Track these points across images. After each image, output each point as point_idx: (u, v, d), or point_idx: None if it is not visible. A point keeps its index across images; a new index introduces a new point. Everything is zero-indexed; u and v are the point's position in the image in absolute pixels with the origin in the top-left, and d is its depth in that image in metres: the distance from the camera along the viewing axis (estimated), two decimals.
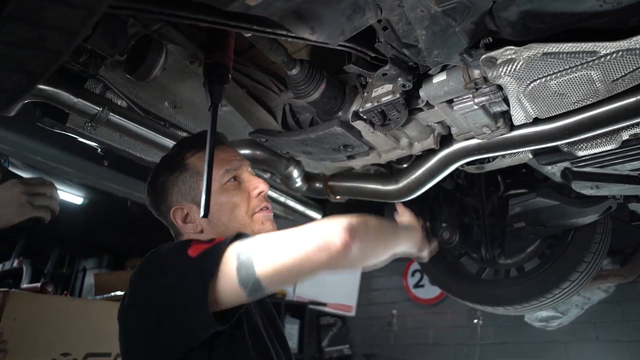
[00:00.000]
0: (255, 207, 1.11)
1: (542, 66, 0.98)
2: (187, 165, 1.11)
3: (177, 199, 1.10)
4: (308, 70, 1.23)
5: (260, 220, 1.11)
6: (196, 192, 1.08)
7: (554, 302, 1.95)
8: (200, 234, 1.09)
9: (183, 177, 1.11)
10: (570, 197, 1.76)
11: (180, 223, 1.09)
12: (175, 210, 1.09)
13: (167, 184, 1.11)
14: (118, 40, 0.97)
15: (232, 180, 1.11)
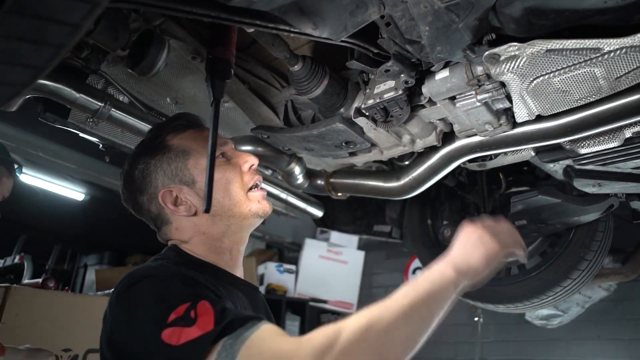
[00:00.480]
0: (249, 182, 1.08)
1: (545, 63, 0.98)
2: (171, 146, 1.06)
3: (164, 182, 1.04)
4: (310, 67, 1.22)
5: (256, 199, 1.08)
6: (184, 172, 1.04)
7: (555, 300, 1.95)
8: (194, 216, 1.04)
9: (167, 158, 1.05)
10: (572, 195, 1.76)
11: (171, 207, 1.03)
12: (164, 193, 1.03)
13: (148, 170, 1.05)
14: (120, 34, 0.97)
15: (221, 156, 1.07)
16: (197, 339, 0.73)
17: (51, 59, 0.54)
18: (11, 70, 0.52)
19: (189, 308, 0.78)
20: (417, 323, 0.76)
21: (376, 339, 0.70)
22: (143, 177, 1.05)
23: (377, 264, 4.52)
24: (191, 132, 1.10)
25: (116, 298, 0.86)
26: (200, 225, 1.05)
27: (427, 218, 2.34)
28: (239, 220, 1.06)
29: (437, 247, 2.27)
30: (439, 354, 3.84)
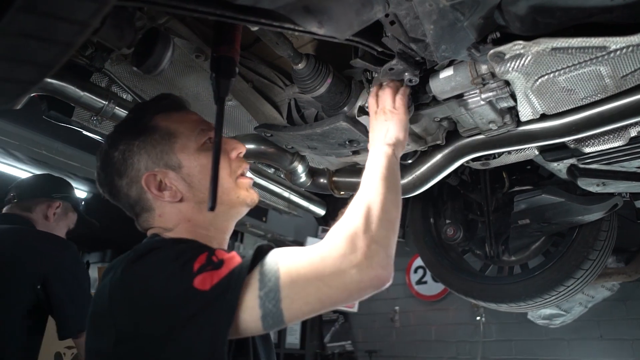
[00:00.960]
0: (237, 169, 1.05)
1: (550, 61, 0.97)
2: (156, 127, 0.99)
3: (148, 165, 0.97)
4: (314, 65, 1.22)
5: (245, 187, 1.05)
6: (170, 155, 0.98)
7: (559, 299, 1.95)
8: (179, 203, 0.98)
9: (152, 140, 0.98)
10: (576, 194, 1.75)
11: (154, 192, 0.96)
12: (148, 177, 0.96)
13: (130, 152, 0.98)
14: (126, 33, 0.97)
15: (209, 141, 1.02)
16: (230, 272, 0.76)
17: (59, 57, 0.55)
18: (19, 67, 0.52)
19: (209, 255, 0.80)
20: (394, 192, 0.97)
21: (379, 213, 0.87)
22: (124, 160, 0.98)
23: None
24: (177, 113, 1.05)
25: (122, 273, 0.82)
26: (186, 212, 0.99)
27: (430, 217, 2.34)
28: (227, 208, 1.03)
29: (440, 246, 2.27)
30: (441, 353, 3.85)
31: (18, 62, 0.52)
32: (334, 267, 0.77)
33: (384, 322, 4.29)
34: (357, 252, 0.79)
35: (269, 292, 0.76)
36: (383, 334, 4.25)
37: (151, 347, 0.76)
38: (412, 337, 4.09)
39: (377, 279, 0.79)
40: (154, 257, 0.82)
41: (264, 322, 0.76)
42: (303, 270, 0.77)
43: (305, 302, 0.76)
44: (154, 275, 0.79)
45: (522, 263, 2.15)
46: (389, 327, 4.26)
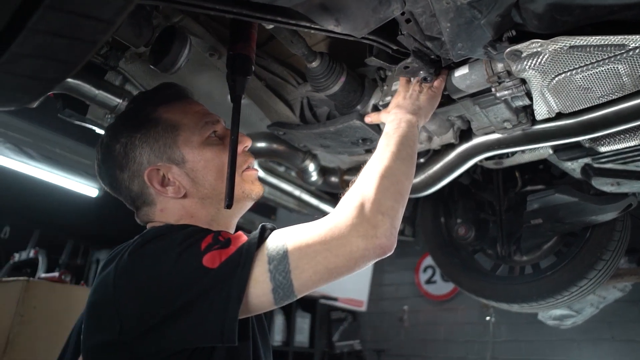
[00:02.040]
0: (242, 163, 1.01)
1: (568, 60, 0.97)
2: (158, 119, 0.96)
3: (150, 160, 0.94)
4: (328, 63, 1.22)
5: (250, 179, 1.03)
6: (173, 149, 0.95)
7: (570, 300, 1.93)
8: (182, 198, 0.95)
9: (154, 133, 0.95)
10: (589, 194, 1.74)
11: (157, 187, 0.93)
12: (150, 172, 0.93)
13: (132, 145, 0.94)
14: (144, 31, 0.98)
15: (213, 135, 0.99)
16: (239, 249, 0.77)
17: (83, 55, 0.55)
18: (46, 65, 0.53)
19: (215, 235, 0.81)
20: (408, 162, 0.97)
21: (390, 184, 0.88)
22: (125, 153, 0.95)
23: (388, 261, 4.52)
24: (180, 104, 1.01)
25: (128, 257, 0.80)
26: (189, 208, 0.96)
27: (441, 216, 2.33)
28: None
29: (451, 245, 2.26)
30: (450, 353, 3.84)
31: (45, 59, 0.52)
32: (340, 236, 0.79)
33: (393, 322, 4.28)
34: (363, 222, 0.80)
35: (278, 264, 0.77)
36: (392, 333, 4.24)
37: (159, 330, 0.74)
38: (421, 337, 4.08)
39: (380, 248, 0.80)
40: (161, 241, 0.82)
41: (275, 294, 0.77)
42: (311, 241, 0.79)
43: (314, 271, 0.77)
44: (162, 257, 0.78)
45: (534, 263, 2.13)
46: (397, 327, 4.25)
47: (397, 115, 1.08)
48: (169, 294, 0.75)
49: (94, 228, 5.22)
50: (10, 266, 4.28)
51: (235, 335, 0.73)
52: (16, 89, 0.56)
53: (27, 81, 0.54)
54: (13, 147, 2.86)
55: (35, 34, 0.48)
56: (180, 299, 0.74)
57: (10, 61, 0.51)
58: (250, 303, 0.77)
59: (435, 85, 1.15)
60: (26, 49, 0.50)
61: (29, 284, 1.90)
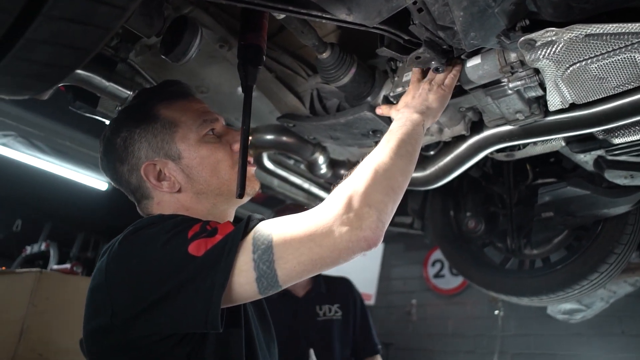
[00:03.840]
0: (237, 162, 1.00)
1: (583, 48, 0.95)
2: (158, 116, 0.99)
3: (148, 154, 0.97)
4: (338, 54, 1.22)
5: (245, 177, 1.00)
6: (170, 145, 0.97)
7: (581, 293, 1.92)
8: (177, 193, 0.98)
9: (153, 128, 0.98)
10: (602, 187, 1.72)
11: (153, 181, 0.97)
12: (147, 166, 0.96)
13: (131, 139, 0.98)
14: (155, 21, 0.98)
15: (211, 132, 1.01)
16: (224, 238, 0.78)
17: (98, 42, 0.55)
18: (61, 52, 0.53)
19: (203, 224, 0.82)
20: (407, 160, 0.94)
21: (382, 179, 0.86)
22: (125, 147, 0.98)
23: (396, 256, 4.52)
24: (181, 102, 1.04)
25: (119, 245, 0.83)
26: (184, 202, 1.00)
27: (450, 209, 2.32)
28: (225, 199, 1.02)
29: (460, 239, 2.25)
30: (458, 347, 3.83)
31: (60, 46, 0.52)
32: (325, 227, 0.78)
33: (401, 315, 4.28)
34: (349, 213, 0.79)
35: (262, 254, 0.77)
36: (400, 327, 4.25)
37: (147, 314, 0.77)
38: (429, 331, 4.08)
39: (365, 240, 0.79)
40: (150, 229, 0.84)
41: (259, 284, 0.77)
42: (296, 231, 0.78)
43: (298, 261, 0.77)
44: (150, 244, 0.80)
45: (544, 257, 2.11)
46: (405, 321, 4.25)
47: (404, 114, 1.07)
48: (156, 280, 0.77)
49: (104, 221, 5.27)
50: (22, 259, 4.34)
51: (218, 322, 0.74)
52: (31, 76, 0.56)
53: (42, 68, 0.54)
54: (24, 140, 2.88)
55: (50, 20, 0.48)
56: (167, 286, 0.76)
57: (25, 48, 0.51)
58: (234, 291, 0.77)
59: (446, 83, 1.13)
60: (41, 36, 0.50)
61: (41, 275, 1.92)
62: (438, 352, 3.94)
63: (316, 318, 2.06)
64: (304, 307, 2.11)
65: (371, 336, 2.13)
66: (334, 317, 2.08)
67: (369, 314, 2.20)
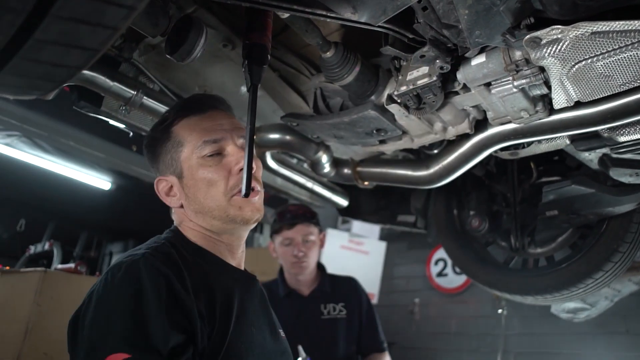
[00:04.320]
0: (234, 187, 0.99)
1: (589, 46, 0.95)
2: (171, 134, 1.04)
3: (161, 169, 1.07)
4: (342, 53, 1.22)
5: (237, 205, 1.00)
6: (177, 163, 1.02)
7: (586, 292, 1.91)
8: (180, 208, 1.06)
9: (166, 146, 1.05)
10: (606, 185, 1.71)
11: (163, 195, 1.06)
12: (159, 181, 1.06)
13: (152, 154, 1.09)
14: (160, 20, 0.98)
15: (211, 155, 1.01)
16: None
17: (105, 42, 0.55)
18: (69, 52, 0.53)
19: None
20: None
21: None
22: (150, 158, 1.10)
23: (399, 254, 4.51)
24: (194, 118, 1.05)
25: (87, 302, 0.89)
26: (188, 216, 1.06)
27: (453, 208, 2.32)
28: (220, 223, 1.02)
29: (463, 237, 2.25)
30: (461, 346, 3.83)
31: (68, 47, 0.52)
32: None
33: (404, 314, 4.28)
34: None
35: None
36: (402, 326, 4.24)
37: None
38: (432, 330, 4.08)
39: None
40: (93, 314, 0.84)
41: None
42: None
43: None
44: (76, 344, 0.86)
45: (548, 255, 2.11)
46: (408, 319, 4.25)
47: None
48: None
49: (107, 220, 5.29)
50: (26, 258, 4.36)
51: None
52: (39, 76, 0.56)
53: (50, 68, 0.54)
54: (28, 140, 2.89)
55: (59, 20, 0.48)
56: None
57: (33, 48, 0.51)
58: None
59: None
60: (50, 36, 0.50)
61: (46, 275, 1.92)
62: (441, 351, 3.94)
63: (321, 317, 2.06)
64: (308, 306, 2.12)
65: (377, 334, 2.13)
66: (339, 315, 2.08)
67: (375, 313, 2.20)
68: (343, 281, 2.24)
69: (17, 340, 1.81)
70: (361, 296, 2.20)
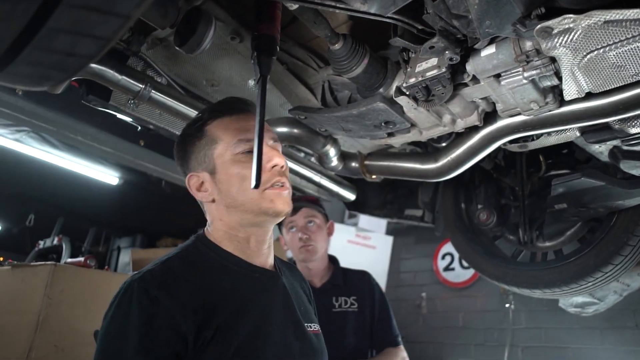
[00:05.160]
0: (267, 182, 1.04)
1: (601, 36, 0.94)
2: (205, 132, 1.09)
3: (194, 166, 1.10)
4: (351, 45, 1.21)
5: (269, 198, 1.05)
6: (210, 160, 1.07)
7: (595, 286, 1.90)
8: (212, 203, 1.09)
9: (200, 144, 1.09)
10: (617, 178, 1.70)
11: (194, 190, 1.09)
12: (190, 177, 1.10)
13: (184, 152, 1.12)
14: (169, 11, 0.98)
15: (245, 153, 1.06)
16: None
17: (117, 31, 0.55)
18: (81, 41, 0.53)
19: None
20: None
21: None
22: (181, 156, 1.13)
23: (406, 249, 4.51)
24: (227, 119, 1.10)
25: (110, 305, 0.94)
26: (218, 212, 1.09)
27: (461, 202, 2.31)
28: (251, 216, 1.06)
29: (471, 231, 2.24)
30: (468, 340, 3.83)
31: (80, 35, 0.52)
32: None
33: (411, 309, 4.28)
34: None
35: None
36: (409, 320, 4.24)
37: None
38: (439, 324, 4.08)
39: None
40: (106, 327, 0.91)
41: None
42: None
43: None
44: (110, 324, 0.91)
45: (557, 249, 2.10)
46: (415, 314, 4.25)
47: None
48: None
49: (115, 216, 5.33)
50: (35, 253, 4.40)
51: None
52: (52, 66, 0.56)
53: (63, 58, 0.54)
54: (36, 136, 2.91)
55: (71, 8, 0.49)
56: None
57: (46, 37, 0.51)
58: None
59: None
60: (62, 24, 0.50)
61: (56, 268, 1.94)
62: (448, 345, 3.94)
63: (332, 309, 2.06)
64: (320, 298, 2.12)
65: (391, 328, 2.12)
66: (350, 309, 2.07)
67: (389, 307, 2.19)
68: (356, 274, 2.23)
69: (28, 332, 1.83)
70: (374, 290, 2.19)
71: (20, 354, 1.81)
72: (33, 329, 1.83)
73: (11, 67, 0.57)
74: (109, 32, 0.54)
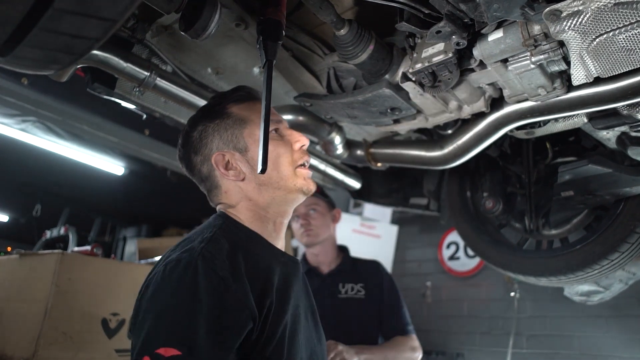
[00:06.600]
0: (298, 160, 1.11)
1: (611, 18, 0.92)
2: (230, 113, 1.11)
3: (219, 146, 1.09)
4: (356, 31, 1.20)
5: (302, 176, 1.11)
6: (239, 139, 1.09)
7: (601, 273, 1.89)
8: (241, 182, 1.08)
9: (225, 124, 1.10)
10: (624, 165, 1.68)
11: (222, 170, 1.08)
12: (217, 156, 1.08)
13: (205, 132, 1.11)
14: None
15: (274, 132, 1.11)
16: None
17: (123, 12, 0.55)
18: (88, 23, 0.53)
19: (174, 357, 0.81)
20: None
21: None
22: (200, 139, 1.11)
23: (411, 238, 4.51)
24: (250, 103, 1.14)
25: (145, 288, 0.93)
26: (247, 191, 1.09)
27: (467, 190, 2.30)
28: (284, 193, 1.10)
29: (477, 219, 2.24)
30: (473, 328, 3.84)
31: (87, 17, 0.52)
32: None
33: (416, 298, 4.30)
34: None
35: None
36: (414, 309, 4.26)
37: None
38: (444, 313, 4.09)
39: None
40: (161, 297, 0.89)
41: None
42: None
43: None
44: (141, 325, 0.87)
45: (563, 237, 2.09)
46: (420, 302, 4.27)
47: None
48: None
49: (120, 205, 5.35)
50: (42, 243, 4.43)
51: None
52: (59, 48, 0.56)
53: (69, 40, 0.54)
54: (42, 125, 2.92)
55: None
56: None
57: (53, 19, 0.51)
58: None
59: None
60: (69, 5, 0.50)
61: (63, 257, 1.96)
62: (453, 334, 3.96)
63: (338, 295, 2.07)
64: (327, 284, 2.13)
65: (401, 317, 2.12)
66: (356, 295, 2.08)
67: (399, 296, 2.19)
68: (365, 263, 2.24)
69: (37, 320, 1.86)
70: (383, 278, 2.19)
71: (29, 341, 1.83)
72: (41, 316, 1.85)
73: (17, 50, 0.57)
74: (115, 14, 0.54)
